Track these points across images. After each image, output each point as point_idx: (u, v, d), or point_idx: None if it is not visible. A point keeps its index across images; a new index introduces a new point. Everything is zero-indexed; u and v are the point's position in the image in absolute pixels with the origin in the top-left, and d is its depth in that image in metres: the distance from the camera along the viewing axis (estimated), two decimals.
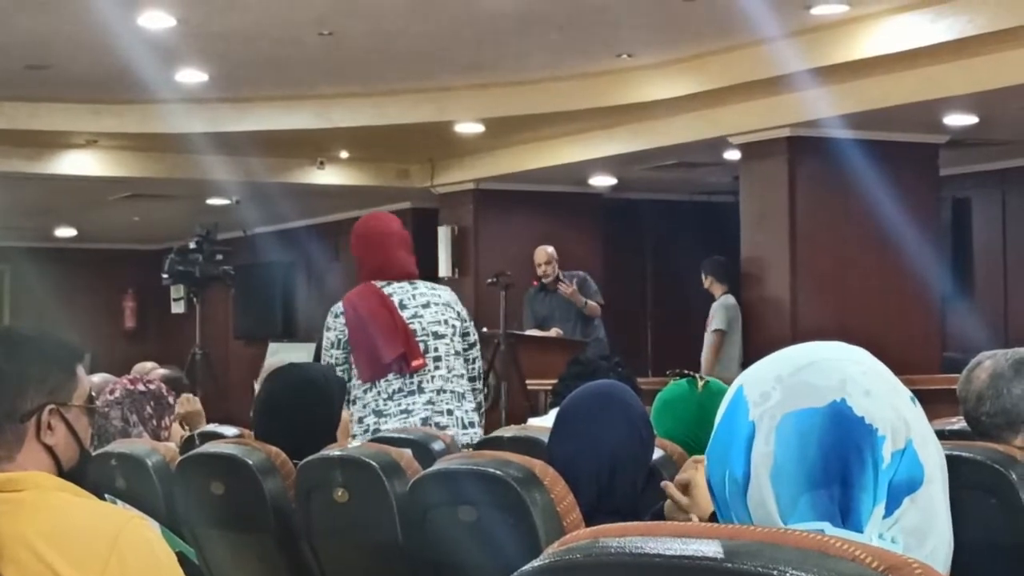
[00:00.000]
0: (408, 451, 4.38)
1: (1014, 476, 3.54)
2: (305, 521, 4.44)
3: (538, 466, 3.55)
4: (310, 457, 4.44)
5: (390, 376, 6.45)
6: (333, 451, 4.46)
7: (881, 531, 1.79)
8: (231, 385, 16.29)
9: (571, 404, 3.79)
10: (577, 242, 15.38)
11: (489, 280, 13.10)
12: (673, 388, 4.98)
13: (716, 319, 12.64)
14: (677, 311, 16.04)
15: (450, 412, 6.50)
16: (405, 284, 6.61)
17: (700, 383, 4.91)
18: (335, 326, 6.56)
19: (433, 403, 6.47)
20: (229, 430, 6.79)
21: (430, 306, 6.59)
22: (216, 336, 18.47)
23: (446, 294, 6.75)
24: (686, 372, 5.04)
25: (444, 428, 6.36)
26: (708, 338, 12.76)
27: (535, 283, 13.46)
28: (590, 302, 12.96)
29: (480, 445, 5.29)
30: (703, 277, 12.97)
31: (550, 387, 5.90)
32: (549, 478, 3.51)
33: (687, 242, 15.54)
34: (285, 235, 19.02)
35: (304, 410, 4.88)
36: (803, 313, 12.29)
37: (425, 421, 6.41)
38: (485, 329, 13.39)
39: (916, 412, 1.88)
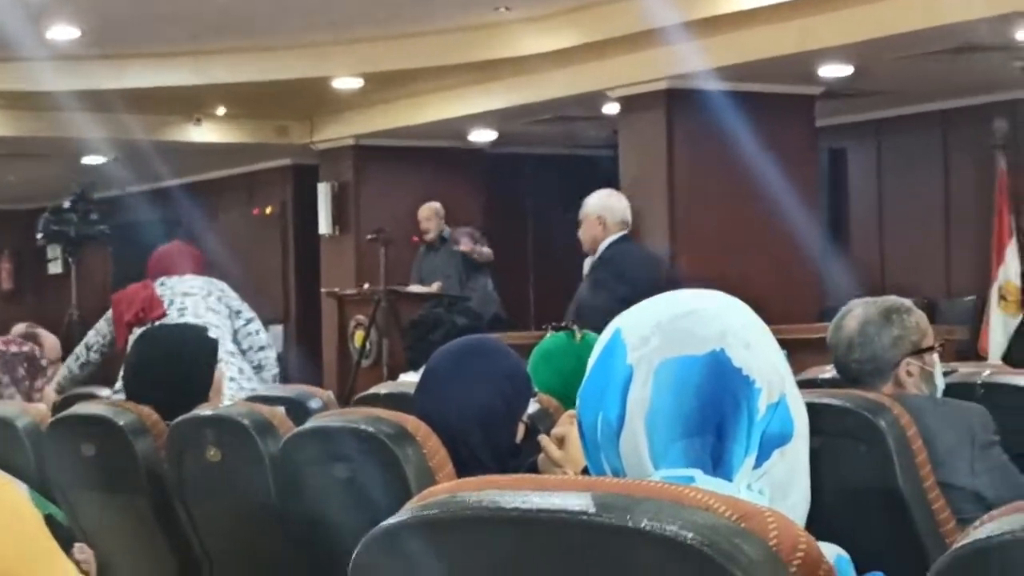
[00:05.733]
0: (281, 409, 4.35)
1: (882, 423, 3.58)
2: (178, 481, 4.41)
3: (410, 422, 3.54)
4: (181, 417, 4.40)
5: (135, 329, 6.92)
6: (205, 410, 4.43)
7: (750, 481, 1.80)
8: None
9: (434, 363, 3.76)
10: (459, 197, 15.34)
11: (369, 236, 13.06)
12: (551, 341, 4.99)
13: None
14: (558, 265, 16.07)
15: None
16: (175, 276, 7.36)
17: (578, 335, 4.93)
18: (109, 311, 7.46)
19: None
20: (104, 392, 6.74)
21: (188, 281, 7.31)
22: (95, 296, 18.26)
23: (216, 283, 7.41)
24: (564, 325, 5.05)
25: None
26: None
27: (415, 240, 13.42)
28: (484, 250, 12.97)
29: (357, 402, 5.28)
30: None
31: None
32: (421, 434, 3.50)
33: (568, 196, 15.53)
34: (163, 194, 18.81)
35: (175, 371, 4.84)
36: (682, 266, 12.34)
37: None
38: (367, 286, 13.39)
39: (788, 368, 1.89)
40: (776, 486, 1.82)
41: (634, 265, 7.80)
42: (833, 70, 12.38)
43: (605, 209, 8.02)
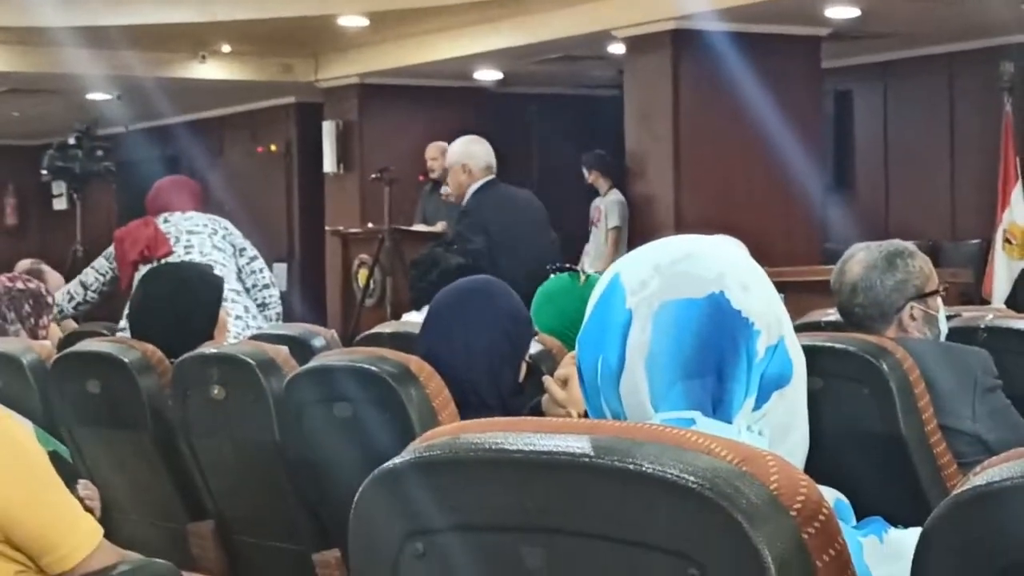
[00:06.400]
0: (285, 348, 4.36)
1: (885, 366, 3.59)
2: (182, 419, 4.42)
3: (413, 362, 3.55)
4: (186, 355, 4.41)
5: (141, 268, 6.84)
6: (209, 349, 4.44)
7: (749, 423, 1.81)
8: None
9: (437, 304, 3.79)
10: (463, 136, 15.29)
11: (373, 175, 13.03)
12: (555, 282, 5.00)
13: (612, 216, 12.64)
14: (563, 205, 16.06)
15: None
16: (176, 212, 7.25)
17: (582, 277, 4.93)
18: (109, 248, 7.34)
19: None
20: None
21: (193, 219, 7.19)
22: (100, 232, 18.26)
23: (220, 221, 7.31)
24: (567, 266, 5.06)
25: None
26: (603, 235, 12.76)
27: (421, 178, 13.37)
28: None
29: (360, 341, 5.29)
30: (586, 172, 12.98)
31: None
32: (424, 374, 3.51)
33: (572, 136, 15.53)
34: (168, 131, 18.80)
35: (181, 310, 4.85)
36: (686, 207, 12.34)
37: None
38: (371, 225, 13.37)
39: (786, 311, 1.90)
40: (775, 428, 1.83)
41: (494, 213, 7.71)
42: (840, 12, 12.33)
43: (467, 156, 7.95)
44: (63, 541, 2.85)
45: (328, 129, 16.10)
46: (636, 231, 12.53)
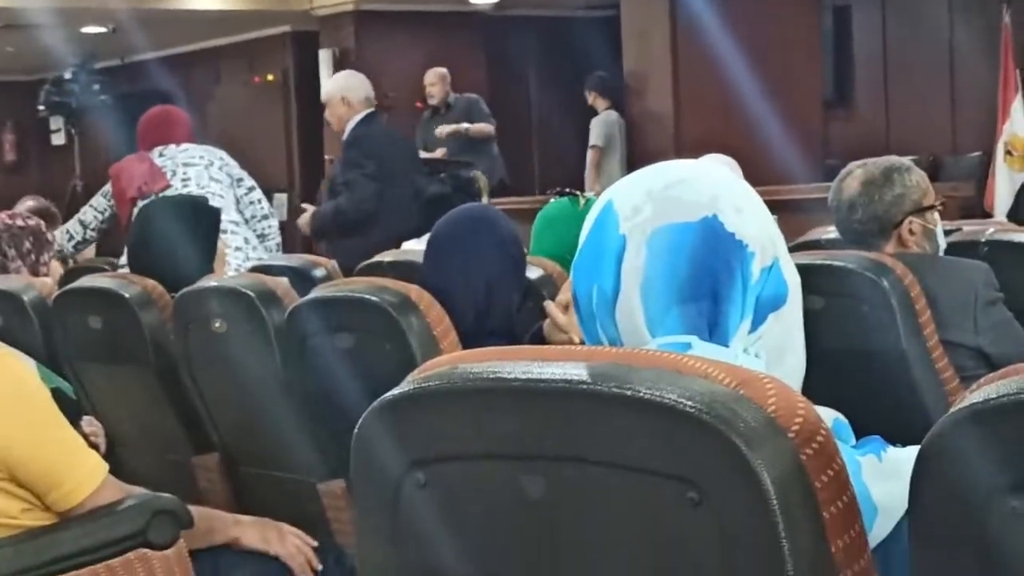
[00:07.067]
0: (285, 279, 4.36)
1: (885, 283, 3.58)
2: (184, 353, 4.42)
3: (414, 291, 3.55)
4: (186, 288, 4.41)
5: (139, 203, 6.73)
6: (209, 282, 4.44)
7: (746, 346, 1.81)
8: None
9: (440, 230, 3.79)
10: (461, 62, 15.23)
11: None
12: (554, 206, 4.99)
13: (592, 135, 12.59)
14: (561, 129, 16.01)
15: None
16: (171, 145, 7.16)
17: (582, 201, 4.92)
18: (106, 186, 7.28)
19: None
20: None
21: (188, 151, 7.14)
22: (100, 167, 18.20)
23: (216, 152, 7.26)
24: (567, 190, 5.05)
25: None
26: (588, 155, 12.74)
27: (419, 105, 13.32)
28: (473, 126, 12.80)
29: (360, 271, 5.29)
30: (586, 93, 12.92)
31: None
32: (425, 303, 3.51)
33: (572, 58, 15.45)
34: (164, 62, 18.71)
35: (178, 243, 4.85)
36: (685, 125, 12.30)
37: None
38: None
39: (779, 232, 1.89)
40: (772, 350, 1.83)
41: (380, 143, 7.81)
42: None
43: (347, 89, 7.99)
44: (68, 478, 2.86)
45: (324, 58, 16.02)
46: (636, 150, 12.49)
